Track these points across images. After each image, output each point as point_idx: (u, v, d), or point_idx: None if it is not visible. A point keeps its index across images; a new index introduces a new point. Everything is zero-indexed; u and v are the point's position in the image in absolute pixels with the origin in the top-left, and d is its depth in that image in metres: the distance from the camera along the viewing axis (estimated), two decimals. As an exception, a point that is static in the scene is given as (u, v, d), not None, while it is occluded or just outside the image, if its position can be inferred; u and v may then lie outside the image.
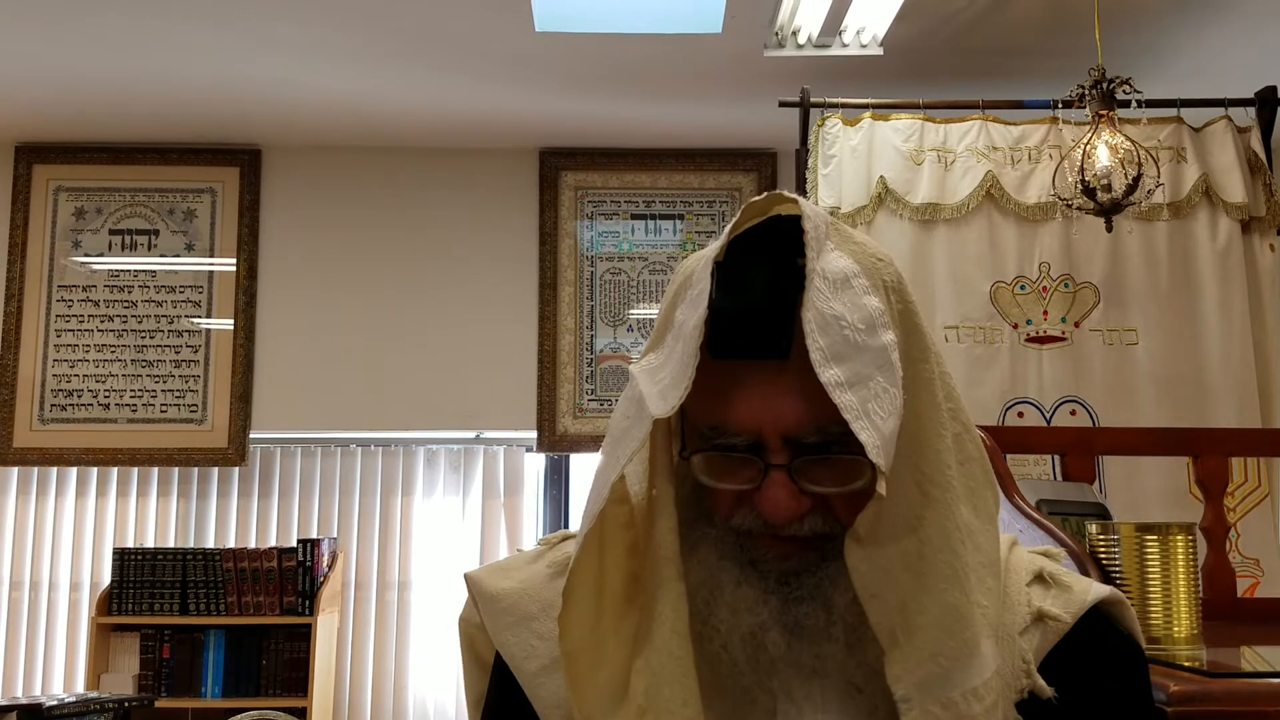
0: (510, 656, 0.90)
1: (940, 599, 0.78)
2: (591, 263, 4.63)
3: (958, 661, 0.77)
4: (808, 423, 0.78)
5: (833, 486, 0.79)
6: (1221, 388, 3.40)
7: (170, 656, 4.15)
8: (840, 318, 0.76)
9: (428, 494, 4.60)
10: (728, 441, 0.80)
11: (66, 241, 4.56)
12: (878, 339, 0.77)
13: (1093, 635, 0.88)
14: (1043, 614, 0.87)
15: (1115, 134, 3.13)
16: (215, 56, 3.81)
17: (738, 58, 3.78)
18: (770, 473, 0.79)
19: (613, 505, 0.84)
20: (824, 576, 0.81)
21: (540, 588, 0.91)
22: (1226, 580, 1.76)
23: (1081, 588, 0.90)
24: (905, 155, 3.55)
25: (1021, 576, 0.89)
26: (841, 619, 0.80)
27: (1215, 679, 1.19)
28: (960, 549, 0.79)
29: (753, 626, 0.81)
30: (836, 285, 0.77)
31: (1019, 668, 0.84)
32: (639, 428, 0.79)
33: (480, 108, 4.26)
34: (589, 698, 0.82)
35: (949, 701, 0.77)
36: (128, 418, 4.46)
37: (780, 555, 0.82)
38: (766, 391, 0.78)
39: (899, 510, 0.78)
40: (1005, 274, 3.52)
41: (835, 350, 0.75)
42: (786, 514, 0.79)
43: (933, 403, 0.81)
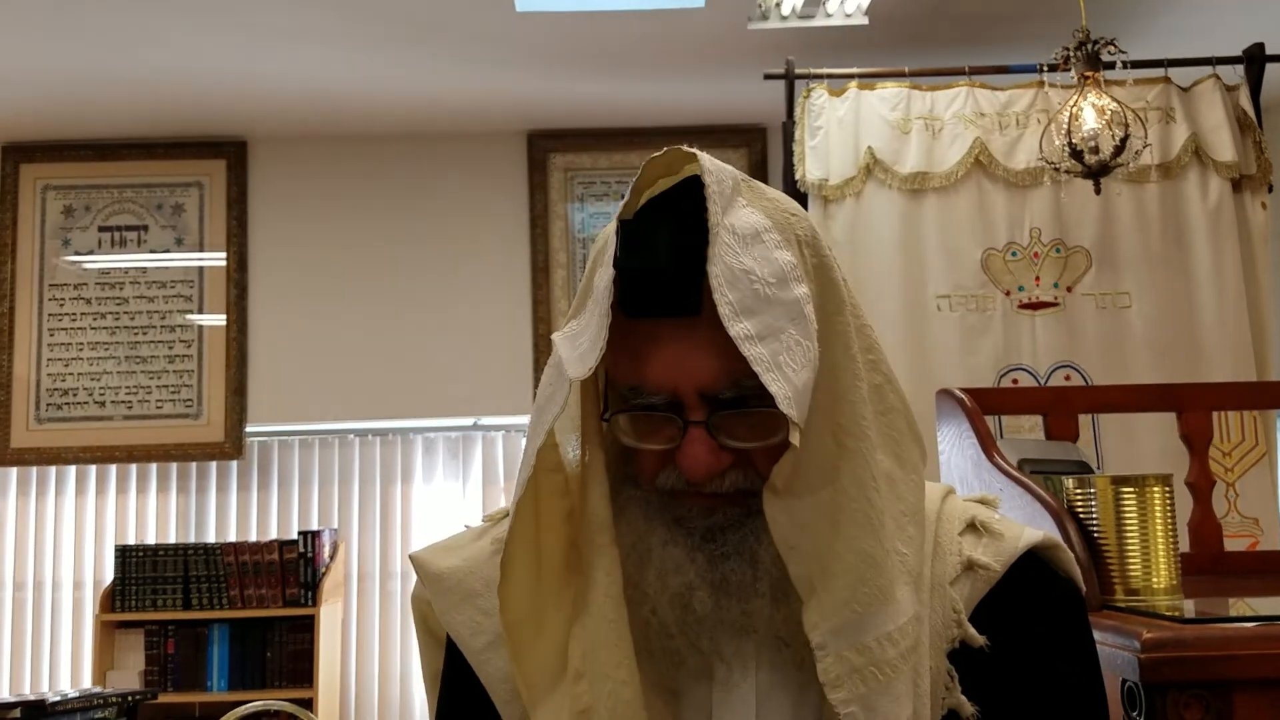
0: (457, 635, 0.90)
1: (854, 546, 0.78)
2: (584, 245, 4.62)
3: (871, 607, 0.77)
4: (722, 378, 0.78)
5: (751, 441, 0.80)
6: (1216, 348, 3.38)
7: (175, 651, 4.17)
8: (750, 271, 0.76)
9: (427, 482, 4.60)
10: (646, 401, 0.80)
11: (56, 240, 4.56)
12: (789, 292, 0.77)
13: (1025, 582, 0.87)
14: (973, 562, 0.87)
15: (1102, 96, 3.10)
16: (197, 49, 3.80)
17: (721, 32, 3.75)
18: (688, 430, 0.79)
19: (547, 474, 0.85)
20: (748, 531, 0.81)
21: (484, 565, 0.92)
22: (1213, 534, 1.74)
23: (1013, 535, 0.89)
24: (892, 125, 3.52)
25: (954, 526, 0.89)
26: (767, 574, 0.81)
27: (1188, 625, 1.18)
28: (875, 497, 0.79)
29: (680, 587, 0.81)
30: (746, 240, 0.78)
31: (949, 617, 0.84)
32: (560, 392, 0.79)
33: (465, 91, 4.24)
34: (530, 667, 0.83)
35: (863, 646, 0.77)
36: (124, 415, 4.46)
37: (704, 511, 0.82)
38: (680, 348, 0.78)
39: (815, 462, 0.79)
40: (996, 241, 3.49)
41: (745, 304, 0.75)
42: (706, 470, 0.79)
43: (848, 354, 0.81)
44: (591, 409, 0.84)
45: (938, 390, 1.92)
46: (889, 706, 0.77)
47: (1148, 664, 1.14)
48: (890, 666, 0.78)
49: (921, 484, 0.86)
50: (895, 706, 0.77)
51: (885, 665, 0.77)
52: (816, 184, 3.49)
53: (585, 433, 0.84)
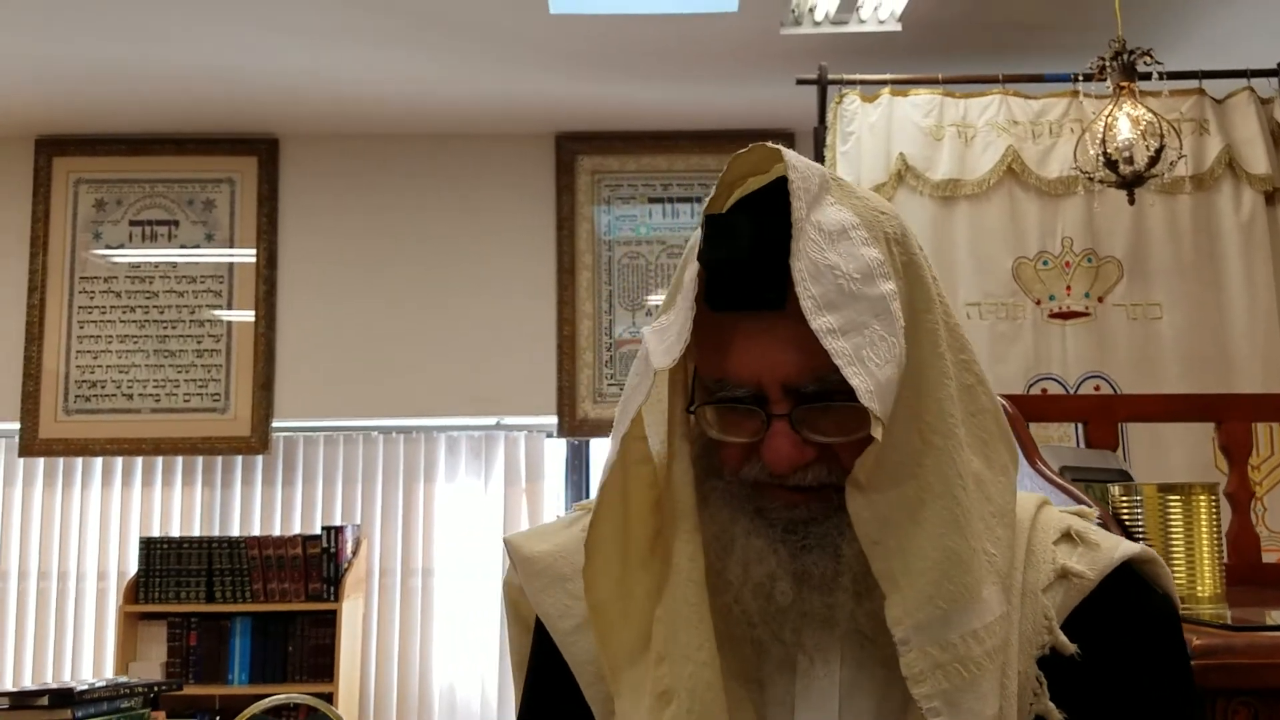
0: (546, 616, 0.92)
1: (938, 542, 0.78)
2: (609, 247, 4.63)
3: (957, 604, 0.78)
4: (805, 371, 0.79)
5: (835, 435, 0.80)
6: (1246, 360, 3.37)
7: (197, 644, 4.19)
8: (834, 267, 0.77)
9: (449, 480, 4.61)
10: (731, 394, 0.81)
11: (87, 234, 4.59)
12: (875, 288, 0.78)
13: (1121, 593, 0.87)
14: (1066, 571, 0.86)
15: (1137, 106, 3.10)
16: (231, 47, 3.83)
17: (754, 37, 3.76)
18: (772, 423, 0.80)
19: (636, 465, 0.86)
20: (831, 526, 0.81)
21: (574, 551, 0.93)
22: (1250, 544, 1.74)
23: (1110, 545, 0.89)
24: (925, 131, 3.52)
25: (1049, 534, 0.89)
26: (850, 568, 0.81)
27: (1238, 633, 1.17)
28: (961, 495, 0.79)
29: (762, 577, 0.82)
30: (832, 236, 0.78)
31: (1040, 624, 0.84)
32: (645, 383, 0.80)
33: (496, 92, 4.26)
34: (615, 649, 0.85)
35: (947, 642, 0.77)
36: (151, 408, 4.49)
37: (787, 504, 0.82)
38: (763, 342, 0.79)
39: (899, 457, 0.79)
40: (1027, 249, 3.49)
41: (828, 298, 0.76)
42: (789, 463, 0.80)
43: (936, 352, 0.81)
44: (678, 402, 0.85)
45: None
46: (973, 703, 0.77)
47: (1197, 670, 1.14)
48: (975, 664, 0.77)
49: (1013, 487, 0.86)
50: (980, 704, 0.77)
51: (970, 662, 0.77)
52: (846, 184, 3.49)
53: (671, 424, 0.85)
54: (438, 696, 4.46)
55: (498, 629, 4.48)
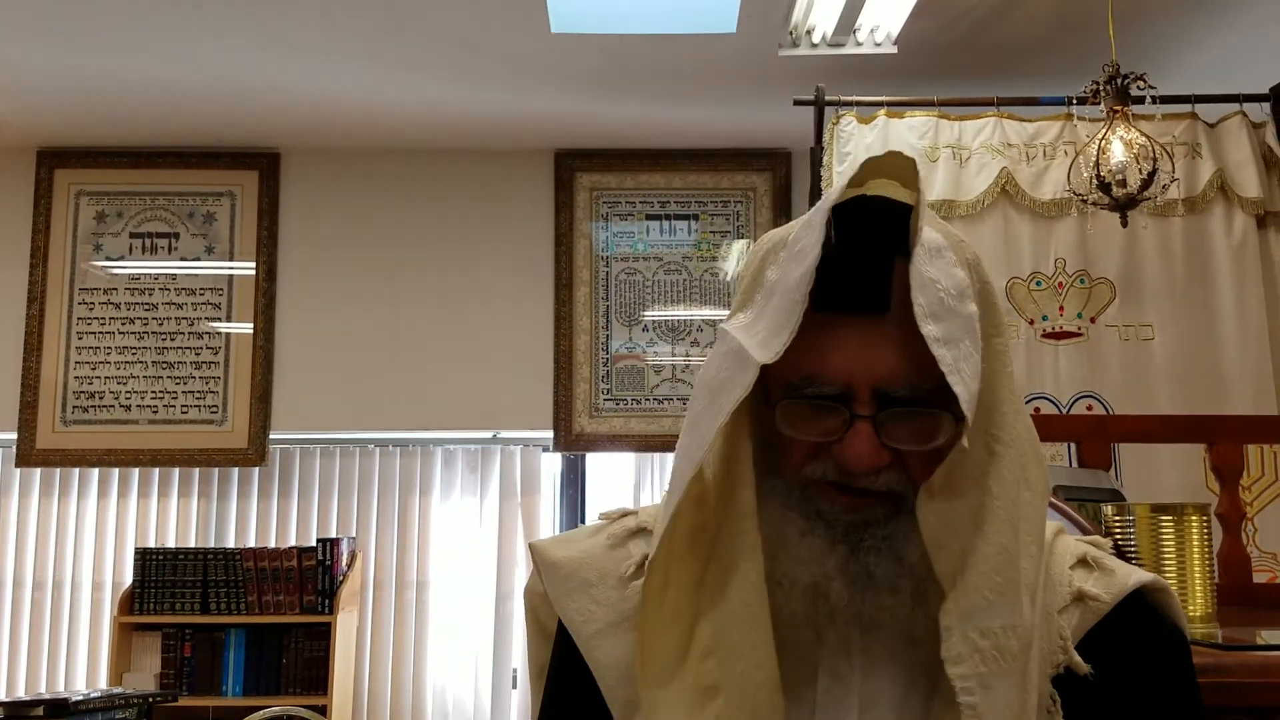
0: (569, 620, 0.94)
1: (993, 540, 0.81)
2: (607, 263, 4.66)
3: (1002, 597, 0.81)
4: (900, 376, 0.81)
5: (909, 443, 0.82)
6: (1237, 382, 3.40)
7: (191, 655, 4.19)
8: (936, 281, 0.80)
9: (445, 494, 4.63)
10: (819, 391, 0.82)
11: (88, 245, 4.61)
12: (966, 307, 0.81)
13: (1133, 619, 0.90)
14: (1083, 594, 0.89)
15: (1130, 129, 3.13)
16: (233, 61, 3.85)
17: (752, 57, 3.80)
18: (855, 423, 0.81)
19: None
20: (894, 530, 0.83)
21: (599, 557, 0.96)
22: (1242, 565, 1.77)
23: (1124, 572, 0.92)
24: (920, 152, 3.55)
25: (1065, 560, 0.92)
26: (911, 571, 0.83)
27: (1229, 651, 1.20)
28: (1016, 500, 0.83)
29: (816, 577, 0.84)
30: (932, 254, 0.81)
31: (1056, 643, 0.87)
32: (742, 375, 0.81)
33: (496, 109, 4.29)
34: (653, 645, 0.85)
35: (988, 630, 0.80)
36: (149, 419, 4.50)
37: (848, 507, 0.84)
38: (864, 342, 0.82)
39: (970, 468, 0.82)
40: (1021, 270, 3.52)
41: (933, 310, 0.79)
42: (869, 464, 0.82)
43: (1005, 372, 0.85)
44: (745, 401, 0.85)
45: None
46: (1005, 692, 0.80)
47: (1189, 689, 1.16)
48: (1011, 655, 0.80)
49: (1045, 510, 0.88)
50: (1010, 693, 0.80)
51: (1007, 653, 0.80)
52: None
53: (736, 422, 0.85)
54: (432, 710, 4.47)
55: (492, 642, 4.49)
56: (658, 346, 4.59)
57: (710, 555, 0.86)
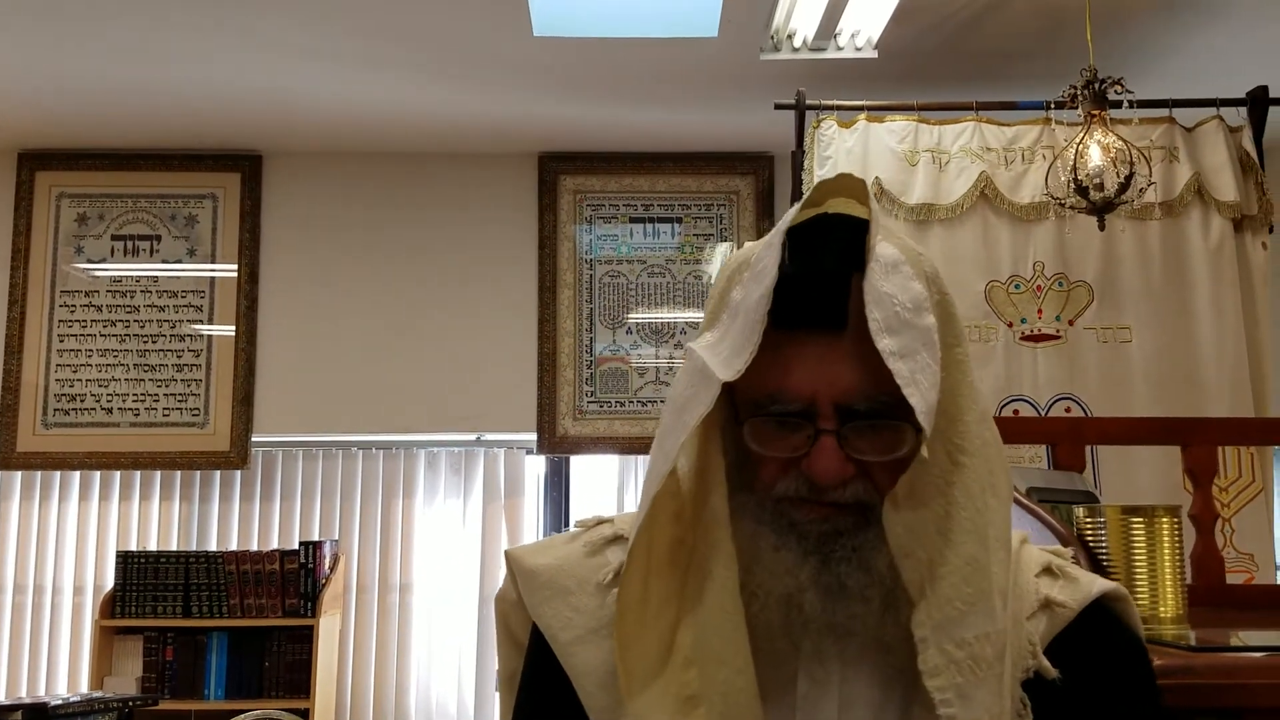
0: (546, 627, 0.94)
1: (961, 551, 0.84)
2: (590, 266, 4.66)
3: (974, 607, 0.83)
4: (860, 390, 0.84)
5: (874, 455, 0.85)
6: (1215, 384, 3.43)
7: (173, 659, 4.18)
8: (892, 296, 0.83)
9: (429, 496, 4.63)
10: (783, 408, 0.85)
11: (69, 247, 4.59)
12: (923, 320, 0.83)
13: (1097, 626, 0.93)
14: (1050, 601, 0.92)
15: (1107, 134, 3.15)
16: (216, 63, 3.85)
17: (734, 61, 3.81)
18: (820, 438, 0.84)
19: None
20: (864, 540, 0.86)
21: (576, 565, 0.97)
22: (1215, 567, 1.79)
23: (1087, 580, 0.96)
24: (900, 156, 3.58)
25: (1031, 568, 0.95)
26: (881, 580, 0.85)
27: (1198, 653, 1.21)
28: (982, 509, 0.85)
29: (790, 589, 0.86)
30: (888, 269, 0.84)
31: (1025, 649, 0.89)
32: (705, 393, 0.84)
33: (479, 112, 4.30)
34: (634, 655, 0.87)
35: (963, 641, 0.83)
36: (130, 422, 4.49)
37: (820, 518, 0.86)
38: (825, 358, 0.84)
39: (933, 477, 0.84)
40: (1000, 273, 3.54)
41: (889, 323, 0.81)
42: (835, 477, 0.84)
43: (965, 381, 0.87)
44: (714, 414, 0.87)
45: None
46: (984, 698, 0.82)
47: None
48: (987, 663, 0.83)
49: (1010, 517, 0.90)
50: (989, 700, 0.82)
51: (983, 661, 0.83)
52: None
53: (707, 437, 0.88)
54: (414, 713, 4.46)
55: (476, 646, 4.49)
56: (641, 349, 4.60)
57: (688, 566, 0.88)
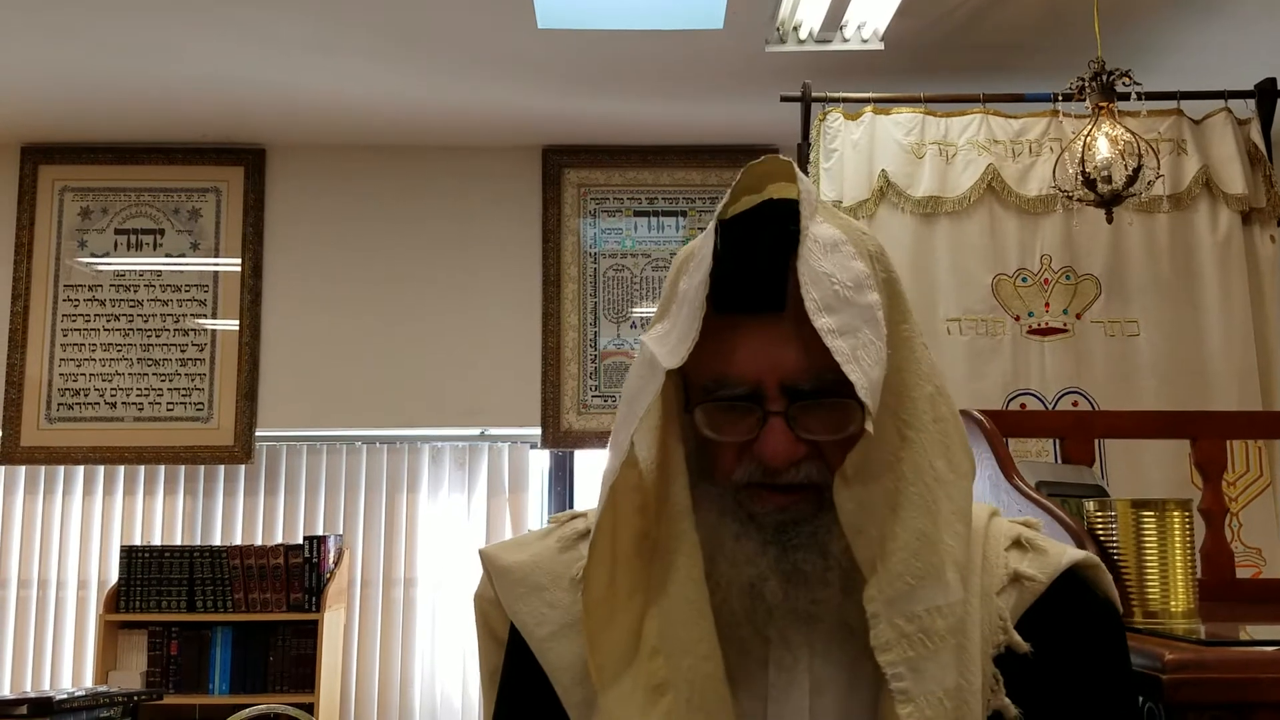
0: (522, 624, 0.95)
1: (910, 526, 0.84)
2: (594, 259, 4.65)
3: (924, 581, 0.83)
4: (804, 370, 0.84)
5: (825, 434, 0.85)
6: (1223, 378, 3.41)
7: (178, 653, 4.18)
8: (830, 275, 0.83)
9: (433, 491, 4.62)
10: (730, 392, 0.86)
11: (72, 242, 4.59)
12: (864, 297, 0.84)
13: (1068, 596, 0.92)
14: (1019, 575, 0.92)
15: (1115, 126, 3.14)
16: (219, 57, 3.84)
17: (739, 53, 3.79)
18: (768, 420, 0.84)
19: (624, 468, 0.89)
20: (820, 525, 0.86)
21: (550, 560, 0.97)
22: (1225, 561, 1.77)
23: (1056, 551, 0.95)
24: (906, 149, 3.56)
25: (1000, 542, 0.94)
26: (837, 564, 0.86)
27: (1210, 647, 1.20)
28: (932, 484, 0.86)
29: (752, 577, 0.86)
30: (827, 248, 0.85)
31: (996, 624, 0.89)
32: (652, 383, 0.85)
33: (483, 106, 4.28)
34: (603, 649, 0.87)
35: (913, 614, 0.83)
36: (134, 416, 4.48)
37: (778, 507, 0.87)
38: (765, 342, 0.85)
39: (881, 452, 0.85)
40: (1007, 266, 3.53)
41: (826, 302, 0.82)
42: (785, 458, 0.84)
43: (912, 358, 0.88)
44: (673, 405, 0.89)
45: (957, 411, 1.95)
46: (935, 671, 0.82)
47: (1170, 685, 1.17)
48: (938, 636, 0.83)
49: (970, 491, 0.91)
50: (941, 673, 0.82)
51: (934, 634, 0.83)
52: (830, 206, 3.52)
53: (666, 427, 0.89)
54: (419, 708, 4.46)
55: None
56: (646, 342, 4.58)
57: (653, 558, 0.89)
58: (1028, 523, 0.98)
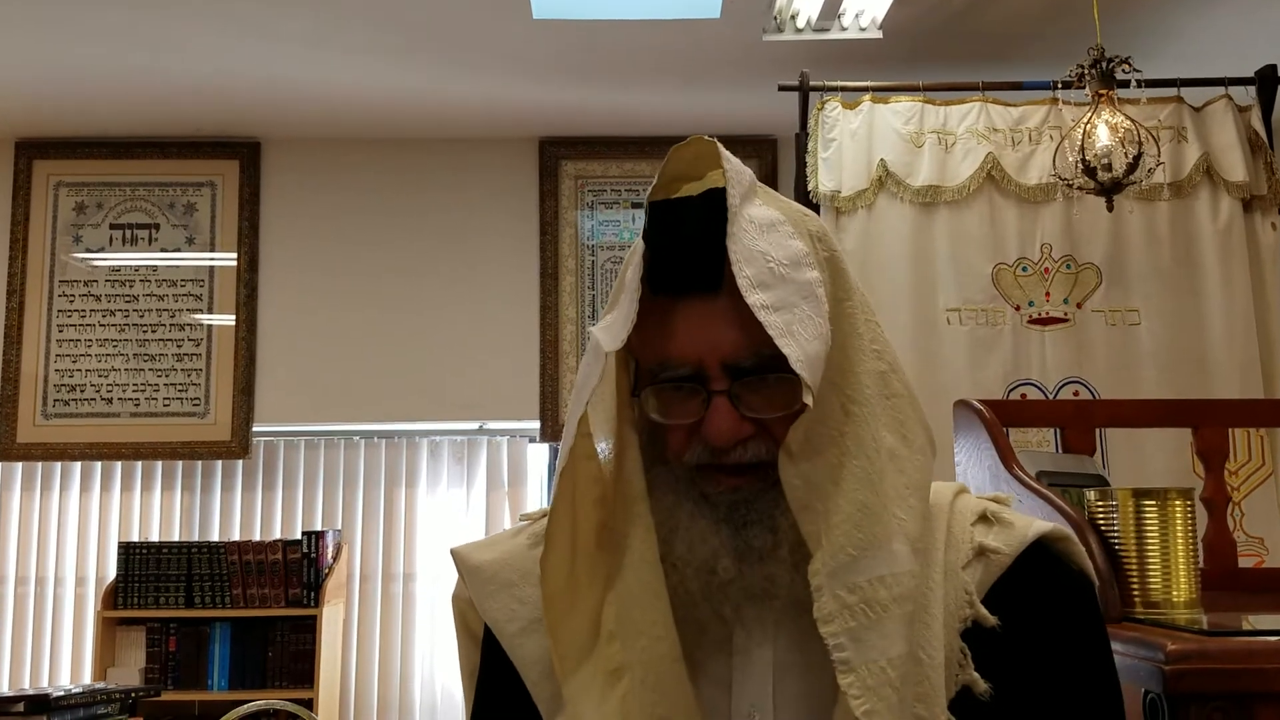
0: (493, 621, 0.96)
1: (852, 498, 0.84)
2: (592, 252, 4.63)
3: (866, 551, 0.83)
4: (742, 348, 0.84)
5: (770, 411, 0.85)
6: (1224, 366, 3.39)
7: (176, 649, 4.17)
8: (765, 253, 0.84)
9: (431, 485, 4.60)
10: (673, 374, 0.86)
11: (67, 237, 4.57)
12: (802, 274, 0.85)
13: (1036, 569, 0.91)
14: (984, 548, 0.91)
15: (1115, 113, 3.12)
16: (213, 50, 3.81)
17: (736, 43, 3.77)
18: (712, 399, 0.85)
19: (583, 462, 0.89)
20: (769, 501, 0.86)
21: (520, 557, 0.98)
22: (1226, 550, 1.75)
23: (1023, 524, 0.94)
24: (905, 138, 3.54)
25: (967, 517, 0.94)
26: (786, 539, 0.86)
27: (1212, 638, 1.18)
28: (874, 457, 0.85)
29: (706, 555, 0.87)
30: (762, 228, 0.86)
31: (962, 599, 0.88)
32: (596, 367, 0.85)
33: (479, 97, 4.26)
34: (565, 638, 0.87)
35: (854, 585, 0.82)
36: (131, 412, 4.47)
37: (730, 488, 0.87)
38: (702, 321, 0.85)
39: (825, 427, 0.85)
40: (1007, 256, 3.50)
41: (760, 279, 0.82)
42: (730, 436, 0.85)
43: (854, 333, 0.88)
44: (624, 392, 0.90)
45: (955, 401, 1.93)
46: (877, 641, 0.81)
47: (1172, 675, 1.15)
48: (881, 606, 0.82)
49: (928, 466, 0.90)
50: (884, 642, 0.81)
51: (876, 604, 0.82)
52: (828, 196, 3.51)
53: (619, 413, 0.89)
54: (419, 702, 4.45)
55: (479, 634, 4.47)
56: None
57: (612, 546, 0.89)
58: (996, 498, 0.98)
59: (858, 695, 0.79)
